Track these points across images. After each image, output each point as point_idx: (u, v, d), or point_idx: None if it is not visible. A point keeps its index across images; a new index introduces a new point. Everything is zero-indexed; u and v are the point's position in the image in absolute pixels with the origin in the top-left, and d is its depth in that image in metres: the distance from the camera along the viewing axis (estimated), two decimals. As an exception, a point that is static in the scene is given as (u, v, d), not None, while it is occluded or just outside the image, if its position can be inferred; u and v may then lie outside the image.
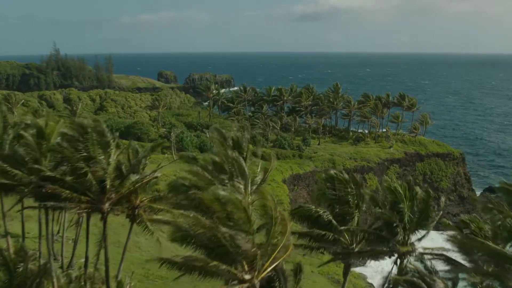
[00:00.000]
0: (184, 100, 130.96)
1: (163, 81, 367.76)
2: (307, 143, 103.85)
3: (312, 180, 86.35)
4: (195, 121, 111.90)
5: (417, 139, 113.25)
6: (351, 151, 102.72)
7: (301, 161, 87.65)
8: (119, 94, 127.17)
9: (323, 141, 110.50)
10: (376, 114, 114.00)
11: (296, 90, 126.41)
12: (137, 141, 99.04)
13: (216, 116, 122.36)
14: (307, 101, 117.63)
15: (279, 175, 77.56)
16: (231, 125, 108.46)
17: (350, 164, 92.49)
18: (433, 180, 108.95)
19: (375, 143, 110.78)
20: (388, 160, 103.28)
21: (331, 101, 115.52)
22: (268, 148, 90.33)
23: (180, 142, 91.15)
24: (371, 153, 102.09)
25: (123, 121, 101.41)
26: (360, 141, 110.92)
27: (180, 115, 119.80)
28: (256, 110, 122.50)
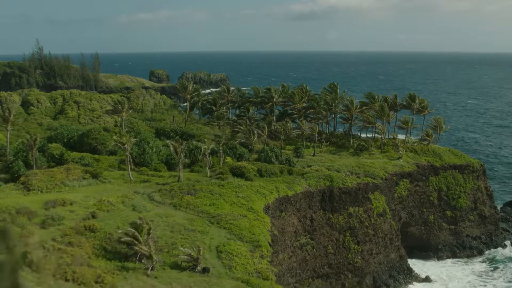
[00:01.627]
0: (159, 102, 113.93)
1: (155, 81, 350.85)
2: (300, 153, 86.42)
3: (304, 203, 69.01)
4: (168, 127, 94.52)
5: (430, 148, 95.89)
6: (353, 163, 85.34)
7: (291, 178, 70.26)
8: (85, 95, 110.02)
9: (319, 151, 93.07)
10: (382, 118, 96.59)
11: (288, 90, 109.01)
12: (91, 154, 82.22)
13: (194, 121, 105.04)
14: (300, 103, 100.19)
15: (260, 201, 60.14)
16: (210, 132, 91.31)
17: (351, 182, 75.06)
18: (449, 197, 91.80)
19: (381, 153, 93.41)
20: (397, 174, 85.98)
21: (329, 103, 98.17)
22: (249, 163, 72.88)
23: (142, 155, 73.72)
24: (376, 166, 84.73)
25: (79, 128, 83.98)
26: (363, 151, 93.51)
27: (152, 119, 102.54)
28: (241, 113, 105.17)
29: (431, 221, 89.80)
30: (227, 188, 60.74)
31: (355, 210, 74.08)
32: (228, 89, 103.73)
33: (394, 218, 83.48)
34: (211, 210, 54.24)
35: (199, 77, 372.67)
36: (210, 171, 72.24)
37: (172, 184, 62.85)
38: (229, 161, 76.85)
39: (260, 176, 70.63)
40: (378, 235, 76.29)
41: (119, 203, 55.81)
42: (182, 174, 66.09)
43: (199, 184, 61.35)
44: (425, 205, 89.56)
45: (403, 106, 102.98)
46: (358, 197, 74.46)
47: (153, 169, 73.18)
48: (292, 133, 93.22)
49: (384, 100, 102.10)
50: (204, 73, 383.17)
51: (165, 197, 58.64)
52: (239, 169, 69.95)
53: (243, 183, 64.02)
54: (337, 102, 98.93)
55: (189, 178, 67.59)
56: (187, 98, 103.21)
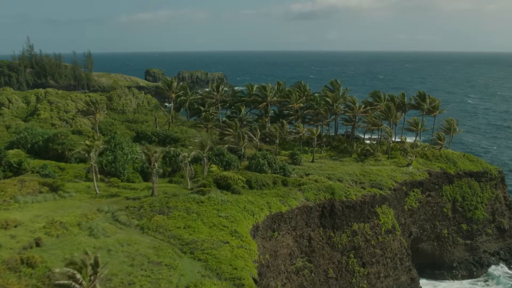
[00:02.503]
0: (143, 102, 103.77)
1: (150, 80, 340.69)
2: (296, 160, 76.29)
3: (301, 220, 58.90)
4: (150, 130, 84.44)
5: (443, 153, 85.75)
6: (357, 171, 75.27)
7: (286, 191, 60.18)
8: (62, 94, 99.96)
9: (319, 157, 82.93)
10: (389, 119, 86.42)
11: (284, 88, 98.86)
12: (56, 161, 72.08)
13: (181, 122, 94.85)
14: (298, 103, 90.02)
15: (247, 220, 50.02)
16: (196, 135, 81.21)
17: (356, 194, 64.92)
18: (465, 208, 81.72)
19: (388, 158, 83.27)
20: (407, 183, 75.90)
21: (330, 102, 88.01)
22: (237, 173, 62.78)
23: (113, 163, 63.61)
24: (383, 174, 74.67)
25: (45, 132, 73.84)
26: (368, 156, 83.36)
27: (133, 121, 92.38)
28: (232, 114, 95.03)
29: (444, 235, 79.69)
30: (207, 205, 50.62)
31: (360, 227, 63.95)
32: (218, 87, 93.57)
33: (404, 233, 73.37)
34: (185, 235, 44.15)
35: (196, 76, 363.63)
36: (192, 182, 62.22)
37: (143, 199, 52.78)
38: (215, 170, 66.75)
39: (250, 188, 60.56)
40: (386, 255, 66.15)
41: (74, 225, 45.80)
42: (156, 187, 56.01)
43: (175, 200, 51.24)
44: (438, 218, 79.45)
45: (412, 106, 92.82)
46: (363, 211, 64.32)
47: (126, 180, 63.22)
48: (288, 137, 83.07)
49: (391, 99, 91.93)
50: (201, 72, 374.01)
51: (132, 216, 48.61)
52: (224, 180, 59.90)
53: (228, 197, 53.90)
54: (339, 101, 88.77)
55: (165, 192, 57.55)
56: (171, 97, 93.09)
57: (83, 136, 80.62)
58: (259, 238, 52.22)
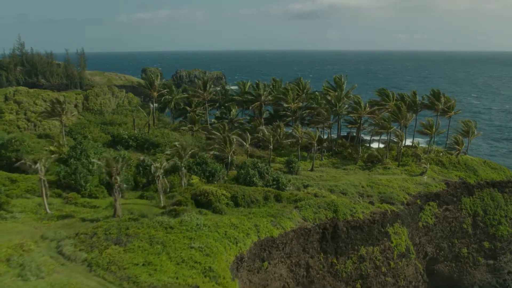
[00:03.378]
0: (123, 102, 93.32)
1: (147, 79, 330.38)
2: (293, 168, 65.78)
3: (297, 246, 48.40)
4: (127, 133, 74.00)
5: (461, 160, 75.19)
6: (363, 181, 64.82)
7: (279, 209, 49.72)
8: (33, 93, 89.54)
9: (319, 164, 72.41)
10: (399, 121, 75.80)
11: (280, 86, 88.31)
12: (7, 172, 61.43)
13: (164, 124, 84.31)
14: (295, 103, 79.45)
15: (229, 251, 39.49)
16: (179, 139, 70.76)
17: (363, 211, 54.37)
18: (487, 223, 71.21)
19: (398, 166, 72.71)
20: (422, 195, 65.37)
21: (332, 102, 77.48)
22: (221, 186, 52.28)
23: (73, 175, 53.09)
24: (394, 185, 64.17)
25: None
26: (376, 164, 72.84)
27: (111, 123, 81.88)
28: (222, 115, 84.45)
29: (464, 255, 69.21)
30: (178, 232, 40.08)
31: (369, 251, 53.41)
32: (204, 85, 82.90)
33: (419, 255, 62.86)
34: (144, 275, 33.63)
35: (194, 74, 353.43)
36: (166, 198, 51.76)
37: (100, 223, 42.27)
38: (196, 182, 56.22)
39: (235, 205, 50.10)
40: (399, 283, 55.62)
41: (2, 261, 35.25)
42: (119, 206, 45.47)
43: (137, 226, 40.70)
44: (456, 235, 68.95)
45: (425, 106, 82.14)
46: (372, 233, 53.76)
47: (88, 195, 52.70)
48: (283, 141, 72.52)
49: (401, 98, 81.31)
50: (199, 71, 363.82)
51: (81, 247, 38.10)
52: (205, 196, 49.45)
53: (205, 220, 43.37)
54: (343, 101, 78.22)
55: (131, 211, 47.04)
56: (153, 96, 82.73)
57: (47, 141, 70.33)
58: (244, 271, 41.80)
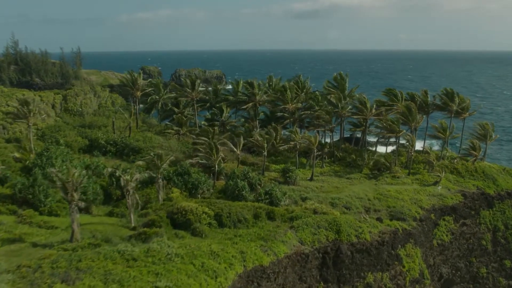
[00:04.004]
0: (106, 102, 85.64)
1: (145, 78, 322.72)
2: (291, 178, 57.97)
3: (292, 275, 40.55)
4: (105, 138, 66.37)
5: (479, 167, 67.28)
6: (370, 192, 57.04)
7: (271, 230, 41.98)
8: (7, 92, 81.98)
9: (320, 172, 64.58)
10: (409, 124, 67.89)
11: (278, 84, 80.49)
12: None
13: (148, 127, 76.54)
14: (294, 103, 71.60)
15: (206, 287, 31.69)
16: (163, 144, 63.07)
17: (371, 231, 46.56)
18: (509, 239, 63.62)
19: (409, 174, 64.79)
20: (436, 209, 57.51)
21: (334, 102, 69.63)
22: (203, 203, 44.53)
23: (30, 188, 45.41)
24: (405, 198, 56.36)
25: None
26: (383, 172, 64.98)
27: (90, 126, 74.19)
28: (212, 116, 76.58)
29: (482, 275, 61.39)
30: (141, 265, 32.25)
31: (377, 278, 45.57)
32: (193, 83, 75.06)
33: (433, 277, 55.03)
34: (89, 330, 25.86)
35: (194, 73, 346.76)
36: (139, 216, 44.14)
37: (49, 252, 34.57)
38: (176, 195, 48.46)
39: (219, 225, 42.41)
40: (412, 314, 47.79)
41: None
42: (77, 229, 37.72)
43: (91, 257, 32.87)
44: (474, 253, 61.10)
45: (437, 107, 74.19)
46: (381, 256, 45.93)
47: (47, 212, 45.00)
48: (280, 147, 64.69)
49: (411, 98, 73.41)
50: (198, 70, 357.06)
51: (20, 284, 30.34)
52: (182, 215, 41.73)
53: (179, 247, 35.57)
54: (346, 101, 70.38)
55: (94, 233, 39.34)
56: (136, 96, 75.04)
57: (16, 146, 62.78)
58: (226, 311, 33.99)
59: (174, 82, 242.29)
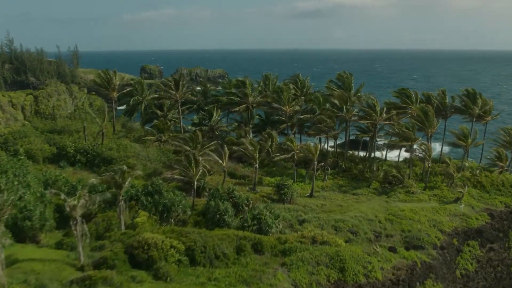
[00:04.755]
0: (83, 104, 76.95)
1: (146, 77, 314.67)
2: (286, 195, 48.99)
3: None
4: (73, 146, 57.60)
5: (506, 180, 57.95)
6: (380, 213, 48.02)
7: (256, 268, 33.06)
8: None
9: (322, 186, 55.53)
10: (426, 130, 58.60)
11: (275, 84, 71.47)
12: None
13: (126, 133, 67.63)
14: (292, 105, 62.52)
15: None
16: (140, 153, 54.29)
17: (383, 268, 37.43)
18: (543, 266, 53.73)
19: (425, 189, 55.62)
20: (459, 232, 48.47)
21: (338, 104, 60.51)
22: (173, 232, 35.59)
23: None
24: (422, 220, 47.31)
25: None
26: (395, 186, 55.84)
27: (60, 131, 65.43)
28: (201, 120, 67.53)
29: (513, 308, 52.08)
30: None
31: (391, 326, 36.46)
32: (177, 82, 65.96)
33: (456, 315, 45.87)
34: None
35: (195, 73, 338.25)
36: (93, 247, 35.31)
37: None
38: (143, 221, 39.51)
39: (192, 263, 33.50)
40: None
41: None
42: (1, 273, 28.86)
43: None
44: (503, 283, 51.96)
45: (456, 109, 64.92)
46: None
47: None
48: (275, 157, 55.62)
49: (426, 100, 64.16)
50: (200, 69, 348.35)
51: None
52: (144, 251, 32.73)
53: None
54: (352, 102, 61.26)
55: (27, 276, 30.49)
56: (113, 97, 66.19)
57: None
58: None
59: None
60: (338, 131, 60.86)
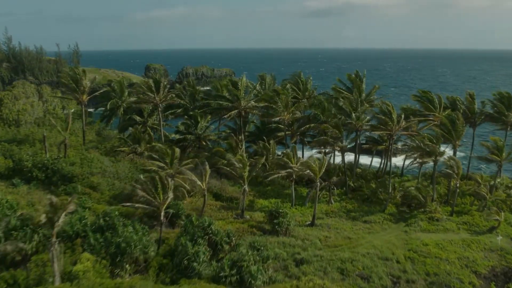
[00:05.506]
0: (55, 108, 67.78)
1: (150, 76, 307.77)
2: (281, 226, 39.21)
3: None
4: (32, 160, 48.29)
5: (550, 203, 47.69)
6: (398, 249, 38.31)
7: None
8: None
9: (326, 210, 45.74)
10: (452, 142, 48.52)
11: (273, 85, 61.70)
12: None
13: (97, 143, 58.18)
14: (291, 111, 52.66)
15: None
16: (108, 169, 44.87)
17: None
18: None
19: (452, 215, 45.59)
20: (497, 274, 38.50)
21: (347, 110, 50.61)
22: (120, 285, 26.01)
23: None
24: (451, 257, 37.61)
25: None
26: (415, 210, 45.89)
27: (23, 140, 56.21)
28: (187, 128, 57.90)
29: None
30: None
31: None
32: (157, 84, 56.28)
33: None
34: None
35: (201, 72, 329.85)
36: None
37: None
38: (86, 268, 29.93)
39: None
40: None
41: None
42: None
43: None
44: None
45: (488, 117, 54.69)
46: None
47: None
48: (269, 176, 45.83)
49: (452, 104, 54.05)
50: (206, 68, 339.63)
51: None
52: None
53: None
54: (363, 108, 51.37)
55: None
56: (82, 100, 56.79)
57: None
58: None
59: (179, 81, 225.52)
60: (347, 143, 50.76)
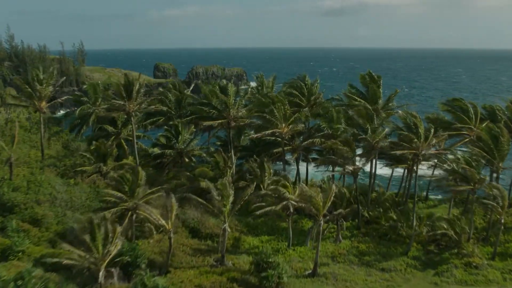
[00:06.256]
0: (19, 115, 58.49)
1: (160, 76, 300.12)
2: (270, 280, 29.29)
3: None
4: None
5: None
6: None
7: None
8: None
9: (333, 251, 35.73)
10: (494, 163, 38.12)
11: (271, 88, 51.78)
12: None
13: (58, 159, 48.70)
14: (290, 123, 42.62)
15: None
16: (58, 195, 35.21)
17: None
18: None
19: (493, 258, 35.23)
20: None
21: (361, 122, 40.48)
22: None
23: None
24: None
25: None
26: (447, 252, 35.61)
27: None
28: (166, 140, 48.22)
29: None
30: None
31: None
32: (128, 89, 45.99)
33: None
34: None
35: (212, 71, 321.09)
36: None
37: None
38: None
39: None
40: None
41: None
42: None
43: None
44: None
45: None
46: None
47: None
48: (258, 207, 35.92)
49: (490, 115, 43.60)
50: (217, 67, 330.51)
51: None
52: None
53: None
54: (381, 120, 41.23)
55: None
56: (40, 108, 47.38)
57: None
58: None
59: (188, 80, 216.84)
60: (360, 164, 40.43)
